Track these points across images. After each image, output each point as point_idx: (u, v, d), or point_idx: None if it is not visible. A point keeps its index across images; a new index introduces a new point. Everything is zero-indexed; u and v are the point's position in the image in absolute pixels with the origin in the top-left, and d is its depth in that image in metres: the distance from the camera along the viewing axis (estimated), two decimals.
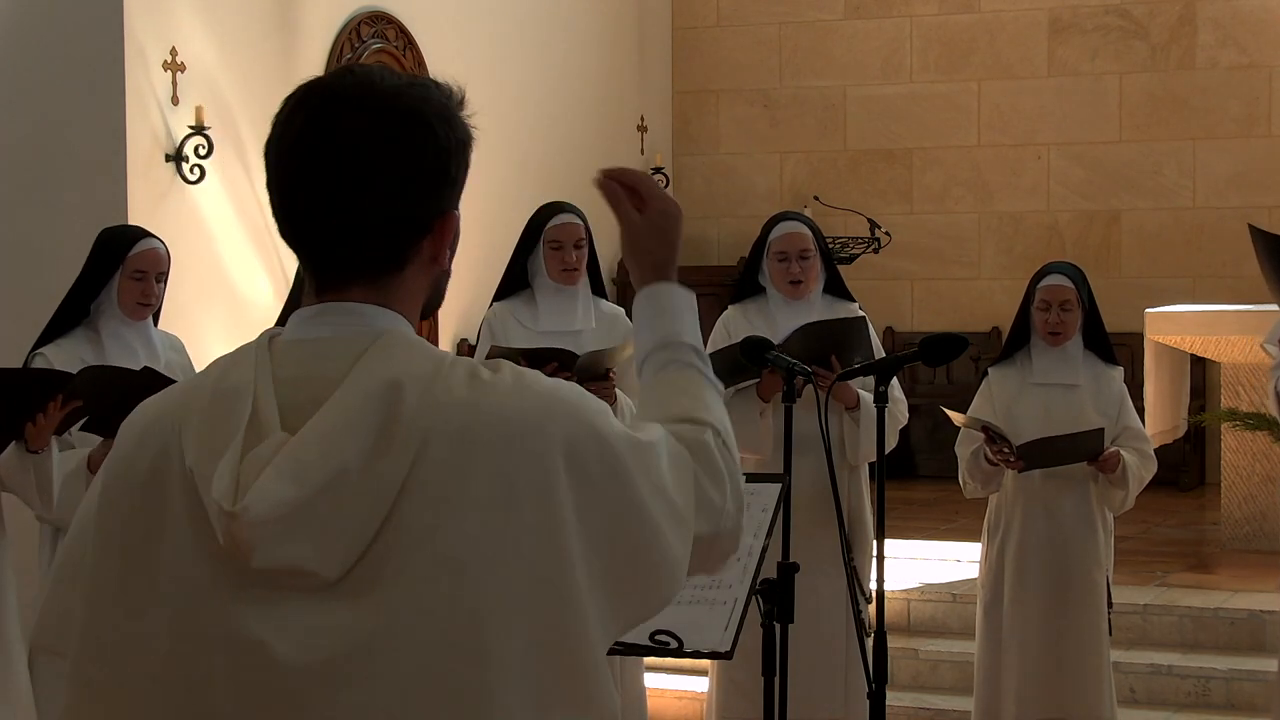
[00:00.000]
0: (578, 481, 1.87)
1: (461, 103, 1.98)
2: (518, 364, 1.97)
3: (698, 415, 2.07)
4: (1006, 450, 5.56)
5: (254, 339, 1.95)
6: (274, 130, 1.94)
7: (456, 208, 1.98)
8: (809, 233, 5.81)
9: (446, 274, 2.01)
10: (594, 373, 5.48)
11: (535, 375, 1.93)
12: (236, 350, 1.94)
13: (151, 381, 4.92)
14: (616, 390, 5.63)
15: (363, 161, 1.89)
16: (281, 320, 5.71)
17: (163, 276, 5.29)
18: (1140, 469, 5.71)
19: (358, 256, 1.92)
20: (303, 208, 1.92)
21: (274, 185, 1.94)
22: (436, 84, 1.97)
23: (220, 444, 1.84)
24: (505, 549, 1.83)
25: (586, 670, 1.87)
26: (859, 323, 5.68)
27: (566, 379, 6.21)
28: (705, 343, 2.25)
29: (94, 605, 1.92)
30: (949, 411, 5.84)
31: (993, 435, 5.58)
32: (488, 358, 5.48)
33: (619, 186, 2.17)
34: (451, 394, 1.85)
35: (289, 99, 1.95)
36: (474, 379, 1.88)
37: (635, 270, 2.19)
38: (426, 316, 2.06)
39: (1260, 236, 6.19)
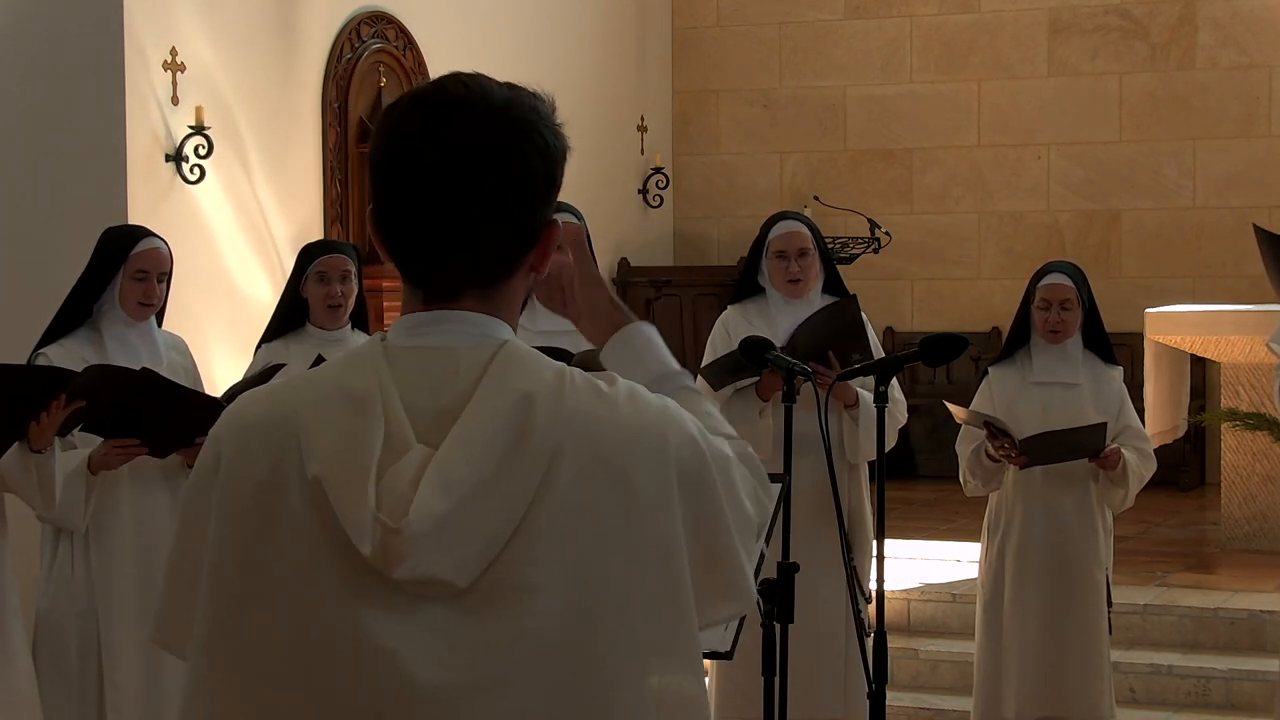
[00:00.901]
0: (686, 493, 1.94)
1: (555, 110, 2.01)
2: None
3: (728, 432, 2.13)
4: (1008, 445, 5.56)
5: (365, 342, 1.97)
6: (385, 140, 1.94)
7: (555, 217, 2.01)
8: (807, 231, 5.82)
9: (538, 279, 2.05)
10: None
11: (639, 387, 1.99)
12: (350, 355, 1.95)
13: (149, 383, 4.92)
14: None
15: (480, 174, 1.91)
16: (272, 326, 5.72)
17: (165, 277, 5.28)
18: (1140, 468, 5.71)
19: (472, 267, 1.94)
20: (418, 219, 1.92)
21: (385, 194, 1.94)
22: (536, 94, 1.99)
23: (358, 457, 1.85)
24: (629, 557, 1.89)
25: (694, 669, 1.95)
26: (849, 304, 5.67)
27: None
28: (706, 342, 2.29)
29: (216, 604, 1.92)
30: (951, 406, 5.84)
31: (995, 430, 5.58)
32: None
33: (544, 285, 2.21)
34: (580, 407, 1.90)
35: (396, 106, 1.95)
36: (596, 392, 1.92)
37: (594, 330, 2.24)
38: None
39: (1265, 237, 6.19)
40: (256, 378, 5.23)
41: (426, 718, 1.83)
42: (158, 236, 5.32)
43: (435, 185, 1.90)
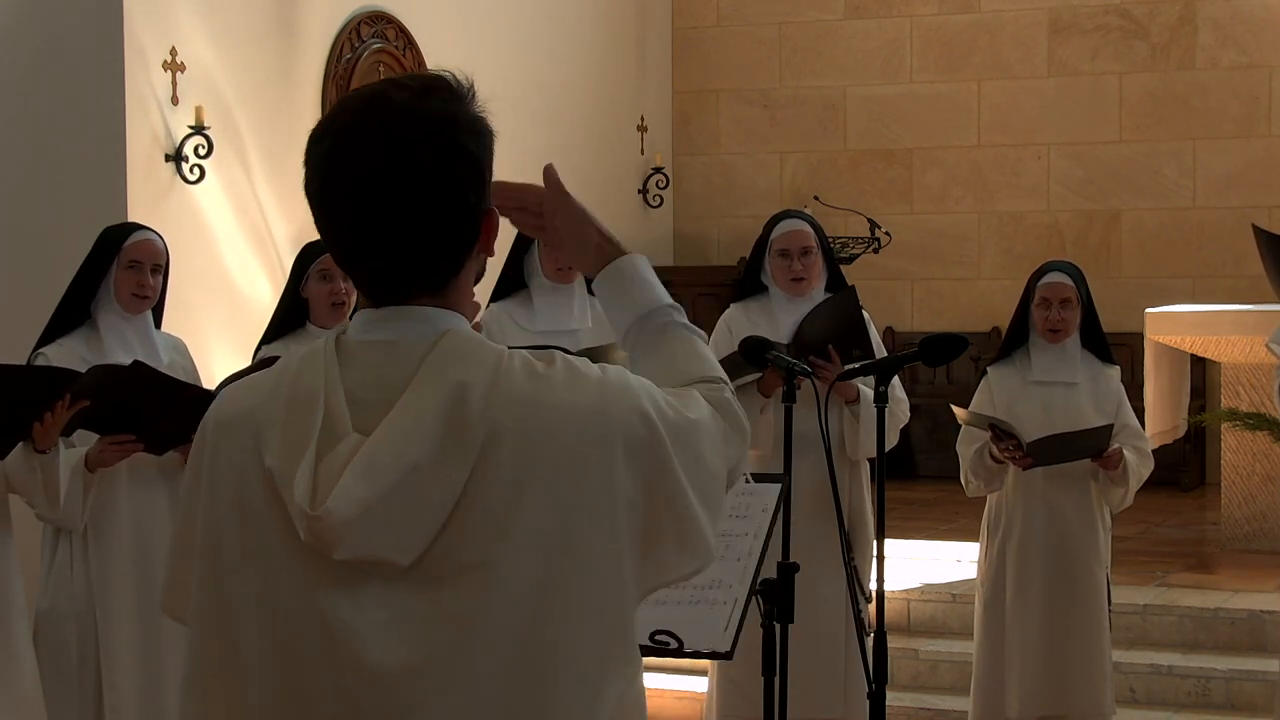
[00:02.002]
0: (632, 464, 1.98)
1: (474, 96, 2.03)
2: None
3: (711, 374, 2.17)
4: (1014, 447, 5.56)
5: (324, 338, 2.05)
6: (308, 171, 2.02)
7: (491, 200, 2.07)
8: (810, 230, 5.82)
9: (491, 253, 2.11)
10: None
11: (584, 363, 2.03)
12: (307, 352, 2.04)
13: (142, 375, 4.92)
14: None
15: (410, 196, 1.97)
16: (272, 327, 5.72)
17: (159, 269, 5.27)
18: (1140, 467, 5.72)
19: (417, 272, 2.02)
20: (353, 244, 2.02)
21: (320, 222, 2.03)
22: (450, 85, 2.01)
23: (298, 447, 1.95)
24: (571, 533, 1.94)
25: (629, 636, 2.02)
26: (848, 296, 5.68)
27: None
28: (707, 342, 2.29)
29: (202, 581, 2.04)
30: (957, 409, 5.84)
31: (1000, 432, 5.58)
32: None
33: (516, 211, 2.25)
34: (514, 390, 1.96)
35: (321, 140, 2.01)
36: (532, 373, 1.98)
37: (582, 264, 2.28)
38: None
39: (1264, 237, 6.20)
40: (251, 369, 5.23)
41: (380, 690, 1.91)
42: (152, 230, 5.33)
43: (363, 212, 1.99)
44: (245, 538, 1.99)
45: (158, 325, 5.37)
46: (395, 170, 1.95)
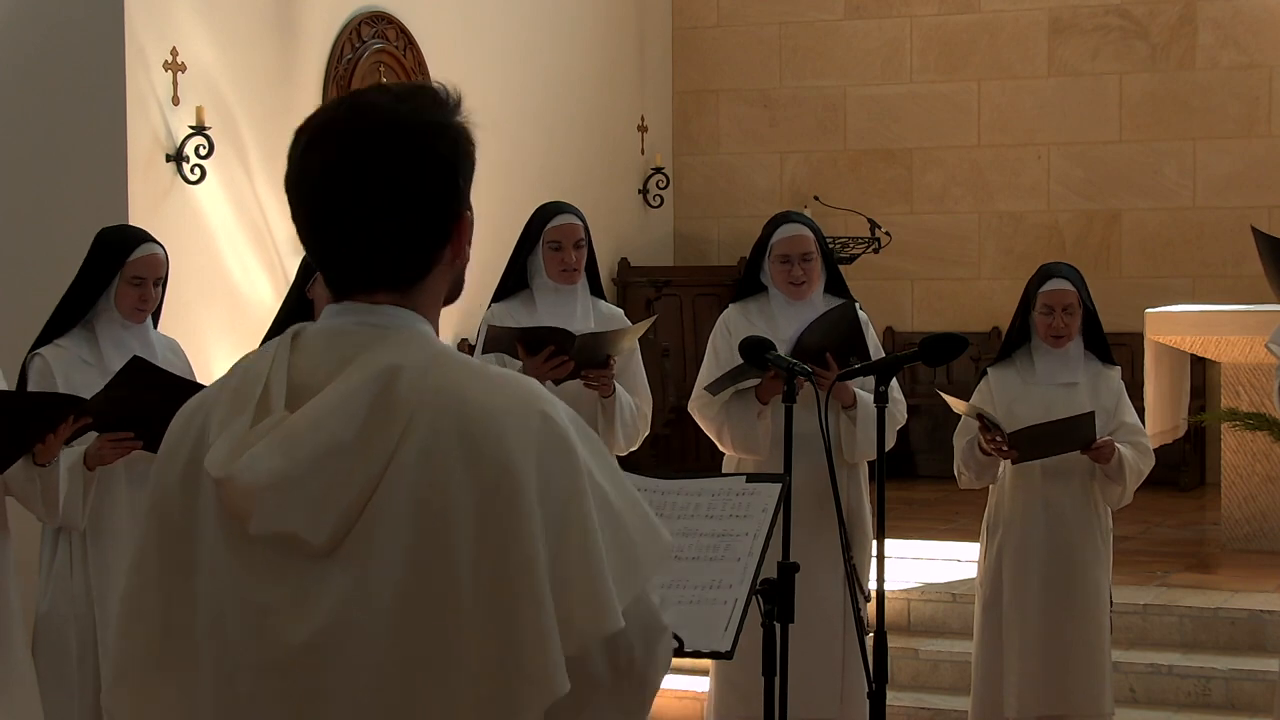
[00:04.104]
0: (545, 470, 1.97)
1: (459, 106, 2.07)
2: (513, 345, 2.10)
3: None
4: (1000, 439, 5.57)
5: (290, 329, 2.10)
6: (289, 168, 2.06)
7: (469, 207, 2.10)
8: (811, 234, 5.82)
9: (466, 261, 2.13)
10: (593, 357, 5.46)
11: (518, 373, 2.07)
12: (270, 341, 2.10)
13: (141, 370, 4.93)
14: (615, 384, 5.63)
15: (374, 191, 2.00)
16: (276, 324, 5.72)
17: (161, 281, 5.28)
18: (1139, 463, 5.72)
19: (383, 272, 2.05)
20: (327, 239, 2.05)
21: (298, 220, 2.07)
22: (433, 94, 2.06)
23: (230, 422, 2.00)
24: (481, 526, 1.93)
25: (545, 638, 1.94)
26: (846, 309, 5.68)
27: (564, 363, 6.12)
28: (706, 342, 2.31)
29: (142, 578, 2.08)
30: (946, 397, 5.84)
31: (987, 423, 5.59)
32: (486, 337, 5.51)
33: None
34: (443, 380, 1.97)
35: (299, 135, 2.07)
36: (466, 369, 2.00)
37: None
38: (450, 302, 2.18)
39: (1263, 239, 6.20)
40: None
41: (297, 668, 1.95)
42: (154, 241, 5.31)
43: (335, 210, 2.02)
44: (184, 519, 2.03)
45: (154, 326, 5.37)
46: (363, 165, 2.00)
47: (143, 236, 5.33)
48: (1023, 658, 5.71)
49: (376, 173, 2.00)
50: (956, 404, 5.73)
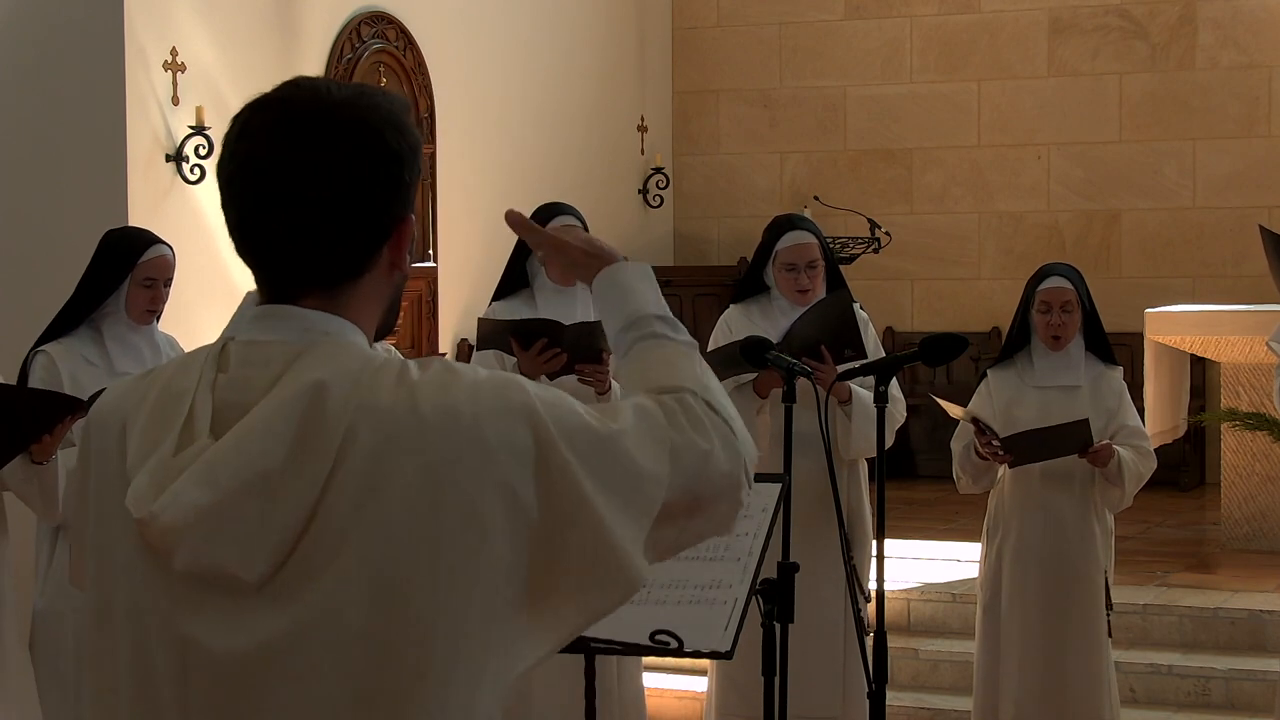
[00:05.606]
0: (509, 482, 1.83)
1: (409, 112, 1.98)
2: (507, 340, 2.01)
3: (671, 383, 2.03)
4: (995, 444, 5.56)
5: (216, 339, 1.95)
6: (224, 148, 1.94)
7: (412, 211, 1.98)
8: (816, 242, 5.82)
9: (405, 279, 1.99)
10: (587, 351, 5.44)
11: (468, 369, 1.90)
12: (193, 351, 1.94)
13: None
14: (611, 380, 5.62)
15: (311, 172, 1.88)
16: None
17: (169, 282, 5.31)
18: (1139, 466, 5.70)
19: (312, 266, 1.90)
20: (254, 222, 1.91)
21: (226, 202, 1.94)
22: (385, 94, 1.96)
23: (151, 449, 1.85)
24: (429, 554, 1.81)
25: (504, 681, 1.86)
26: (841, 297, 5.68)
27: (557, 355, 6.07)
28: (707, 342, 2.27)
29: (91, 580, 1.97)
30: (941, 402, 5.83)
31: (981, 428, 5.58)
32: (479, 332, 5.50)
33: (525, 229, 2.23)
34: (377, 394, 1.83)
35: (237, 116, 1.95)
36: (402, 378, 1.85)
37: (582, 277, 2.21)
38: (384, 335, 2.04)
39: (1270, 237, 6.20)
40: None
41: (235, 698, 1.82)
42: (163, 242, 5.32)
43: (267, 188, 1.89)
44: (106, 540, 1.91)
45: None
46: (293, 153, 1.88)
47: (151, 238, 5.33)
48: (1022, 661, 5.70)
49: (317, 149, 1.88)
50: (952, 409, 5.73)
